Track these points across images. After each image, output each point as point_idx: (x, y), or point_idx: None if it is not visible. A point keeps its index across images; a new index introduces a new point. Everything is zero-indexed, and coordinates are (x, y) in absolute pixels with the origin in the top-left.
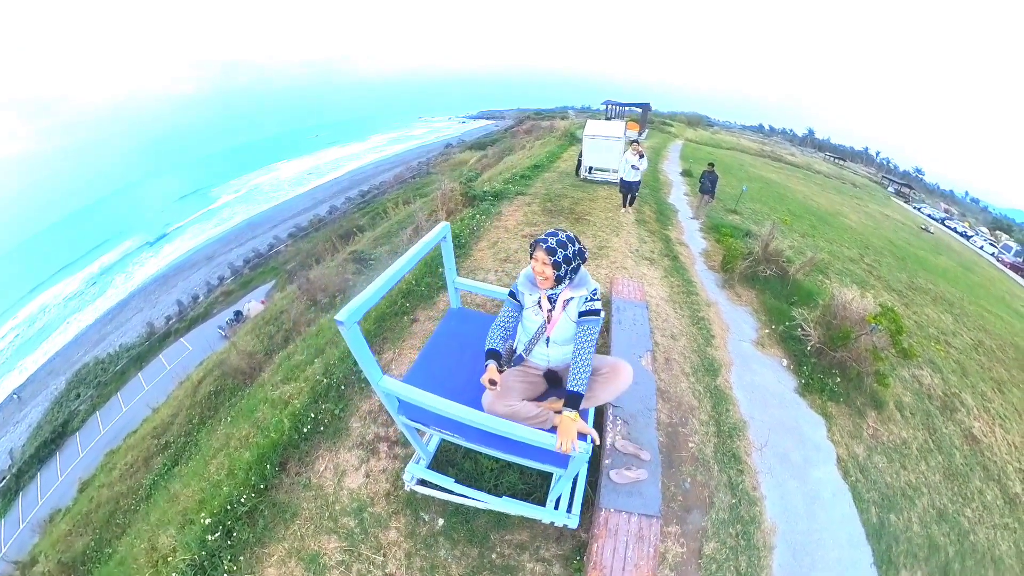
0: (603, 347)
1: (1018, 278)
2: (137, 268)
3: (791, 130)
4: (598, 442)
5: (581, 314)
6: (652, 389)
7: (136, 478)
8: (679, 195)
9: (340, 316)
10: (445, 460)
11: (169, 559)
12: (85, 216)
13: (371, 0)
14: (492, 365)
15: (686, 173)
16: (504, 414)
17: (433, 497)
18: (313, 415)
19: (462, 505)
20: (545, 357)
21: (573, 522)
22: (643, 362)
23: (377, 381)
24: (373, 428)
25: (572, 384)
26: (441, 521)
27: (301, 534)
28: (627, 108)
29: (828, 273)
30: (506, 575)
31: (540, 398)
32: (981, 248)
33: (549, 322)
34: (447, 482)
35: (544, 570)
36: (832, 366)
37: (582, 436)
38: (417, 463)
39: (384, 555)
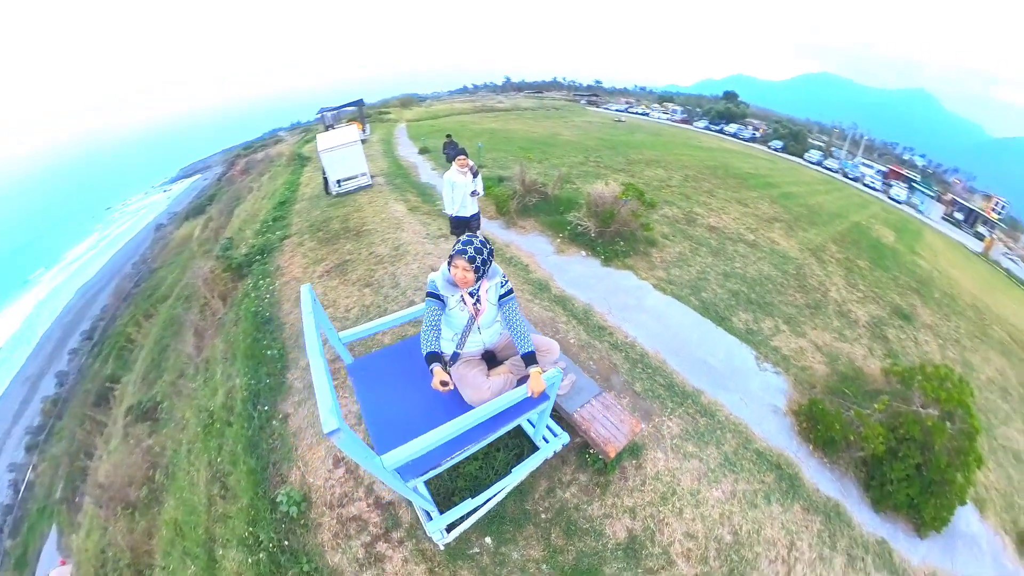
0: None
1: (689, 127)
2: None
3: (492, 82)
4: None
5: (500, 297)
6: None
7: None
8: (428, 171)
9: (327, 427)
10: (442, 496)
11: None
12: None
13: None
14: (438, 367)
15: (424, 151)
16: (493, 395)
17: (464, 533)
18: None
19: (486, 514)
20: (480, 343)
21: (565, 438)
22: None
23: (379, 465)
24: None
25: (523, 347)
26: (488, 539)
27: None
28: (342, 110)
29: (573, 180)
30: (564, 516)
31: None
32: (659, 118)
33: (477, 314)
34: (468, 505)
35: (579, 487)
36: (614, 238)
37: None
38: (431, 520)
39: None
